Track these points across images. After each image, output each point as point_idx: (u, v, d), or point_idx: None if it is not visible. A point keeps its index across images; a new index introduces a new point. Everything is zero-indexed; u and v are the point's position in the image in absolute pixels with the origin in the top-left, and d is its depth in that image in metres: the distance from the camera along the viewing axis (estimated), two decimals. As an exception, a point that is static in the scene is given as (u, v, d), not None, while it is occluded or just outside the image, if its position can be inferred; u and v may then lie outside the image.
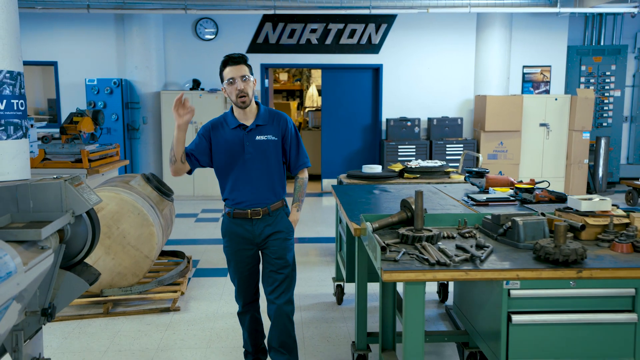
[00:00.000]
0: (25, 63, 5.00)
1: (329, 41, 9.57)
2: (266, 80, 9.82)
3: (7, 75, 3.97)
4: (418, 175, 5.51)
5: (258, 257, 3.19)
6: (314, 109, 12.67)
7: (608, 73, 9.93)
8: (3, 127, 4.00)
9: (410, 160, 6.29)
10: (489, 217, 2.93)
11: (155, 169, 9.25)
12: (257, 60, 9.44)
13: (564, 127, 9.25)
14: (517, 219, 2.72)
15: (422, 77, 9.75)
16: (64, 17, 8.88)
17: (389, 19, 9.53)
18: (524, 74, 9.89)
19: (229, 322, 4.22)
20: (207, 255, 6.00)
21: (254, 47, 9.45)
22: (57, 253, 2.47)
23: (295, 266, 3.20)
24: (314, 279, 5.23)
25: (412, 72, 9.73)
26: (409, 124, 9.45)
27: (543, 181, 4.07)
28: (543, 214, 2.93)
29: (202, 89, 9.11)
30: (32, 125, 5.33)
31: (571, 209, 3.02)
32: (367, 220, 2.98)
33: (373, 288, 4.74)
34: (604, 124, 10.08)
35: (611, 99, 9.98)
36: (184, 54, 9.41)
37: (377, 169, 5.70)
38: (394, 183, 5.23)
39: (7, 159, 3.98)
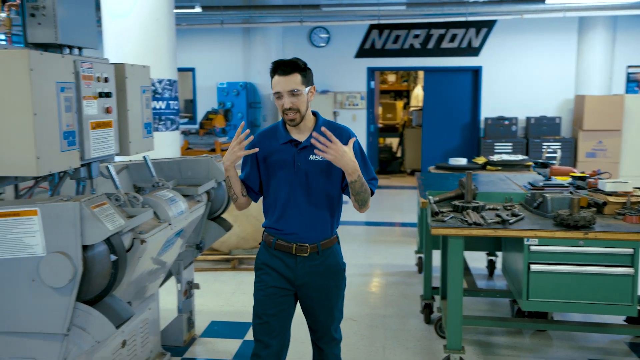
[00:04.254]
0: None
1: (430, 45, 10.30)
2: (372, 82, 10.75)
3: (167, 82, 5.28)
4: (500, 168, 6.16)
5: (292, 303, 2.57)
6: (418, 108, 13.38)
7: None
8: (163, 122, 5.32)
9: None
10: (529, 194, 3.66)
11: (272, 160, 10.55)
12: (364, 64, 10.43)
13: (669, 126, 9.23)
14: (547, 195, 3.44)
15: (521, 77, 10.16)
16: (201, 31, 10.44)
17: (489, 24, 10.05)
18: (628, 73, 9.94)
19: (326, 280, 5.23)
20: (313, 233, 7.07)
21: (362, 52, 10.43)
22: (206, 207, 3.60)
23: (342, 307, 2.67)
24: (401, 254, 6.10)
25: (512, 73, 10.17)
26: (506, 122, 9.93)
27: (605, 172, 4.62)
28: (571, 192, 3.60)
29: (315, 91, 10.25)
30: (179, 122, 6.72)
31: (602, 190, 3.65)
32: (430, 195, 3.83)
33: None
34: None
35: None
36: (299, 60, 10.60)
37: (462, 161, 6.43)
38: (475, 173, 5.94)
39: (165, 146, 5.29)
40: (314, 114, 2.54)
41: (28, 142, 2.37)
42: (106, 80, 2.95)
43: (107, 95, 2.94)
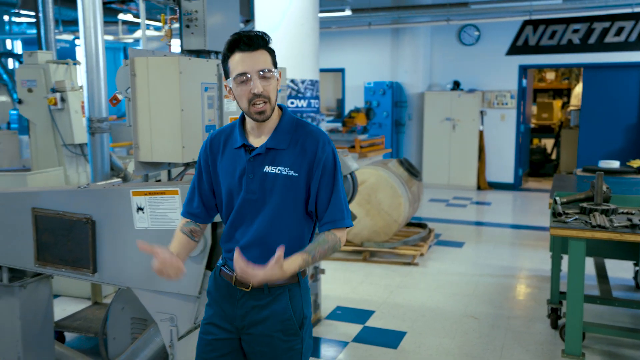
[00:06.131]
0: (321, 70, 6.69)
1: (592, 40, 9.58)
2: (524, 81, 10.29)
3: (309, 82, 5.69)
4: (658, 172, 5.62)
5: (235, 351, 1.96)
6: (577, 107, 12.49)
7: None
8: (304, 119, 5.75)
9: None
10: (672, 200, 3.38)
11: (415, 157, 10.60)
12: (515, 61, 10.02)
13: None
14: (690, 200, 3.16)
15: (702, 73, 9.02)
16: (350, 33, 10.83)
17: (664, 13, 9.07)
18: None
19: (454, 278, 5.25)
20: (449, 231, 7.06)
21: (513, 50, 10.04)
22: (331, 197, 3.87)
23: None
24: (539, 258, 5.87)
25: (689, 68, 9.08)
26: (680, 123, 8.91)
27: None
28: None
29: (461, 90, 10.12)
30: (323, 119, 7.14)
31: None
32: (557, 196, 3.71)
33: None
34: None
35: None
36: (447, 58, 10.53)
37: (614, 164, 5.97)
38: (626, 177, 5.50)
39: (305, 142, 5.71)
40: (280, 107, 1.93)
41: (176, 134, 2.83)
42: (245, 81, 3.34)
43: (245, 94, 3.34)
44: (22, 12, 9.42)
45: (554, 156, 12.24)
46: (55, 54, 6.02)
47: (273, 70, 1.80)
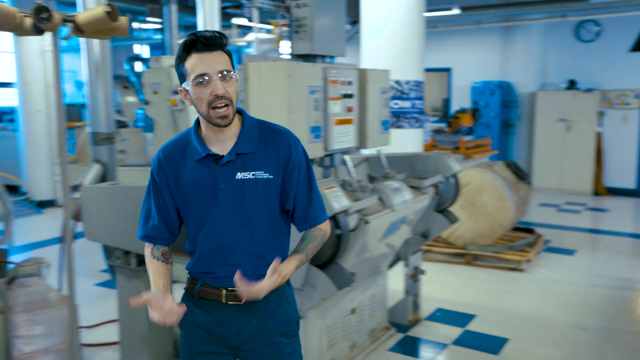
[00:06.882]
0: (427, 70, 6.62)
1: None
2: (650, 79, 9.53)
3: (414, 83, 5.69)
4: None
5: None
6: None
7: None
8: (407, 120, 5.75)
9: None
10: None
11: (525, 160, 10.17)
12: (641, 59, 9.32)
13: None
14: None
15: None
16: (458, 32, 10.61)
17: None
18: None
19: (564, 286, 5.03)
20: (560, 238, 6.72)
21: (639, 47, 9.32)
22: (432, 199, 3.87)
23: None
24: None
25: None
26: None
27: None
28: None
29: (577, 89, 9.57)
30: (427, 120, 7.10)
31: None
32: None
33: None
34: None
35: None
36: (561, 56, 10.00)
37: None
38: None
39: (408, 142, 5.72)
40: (239, 112, 1.84)
41: (284, 135, 2.99)
42: (349, 83, 3.45)
43: (350, 96, 3.44)
44: (149, 19, 10.24)
45: (684, 161, 11.19)
46: (176, 59, 6.50)
47: (233, 71, 1.71)
